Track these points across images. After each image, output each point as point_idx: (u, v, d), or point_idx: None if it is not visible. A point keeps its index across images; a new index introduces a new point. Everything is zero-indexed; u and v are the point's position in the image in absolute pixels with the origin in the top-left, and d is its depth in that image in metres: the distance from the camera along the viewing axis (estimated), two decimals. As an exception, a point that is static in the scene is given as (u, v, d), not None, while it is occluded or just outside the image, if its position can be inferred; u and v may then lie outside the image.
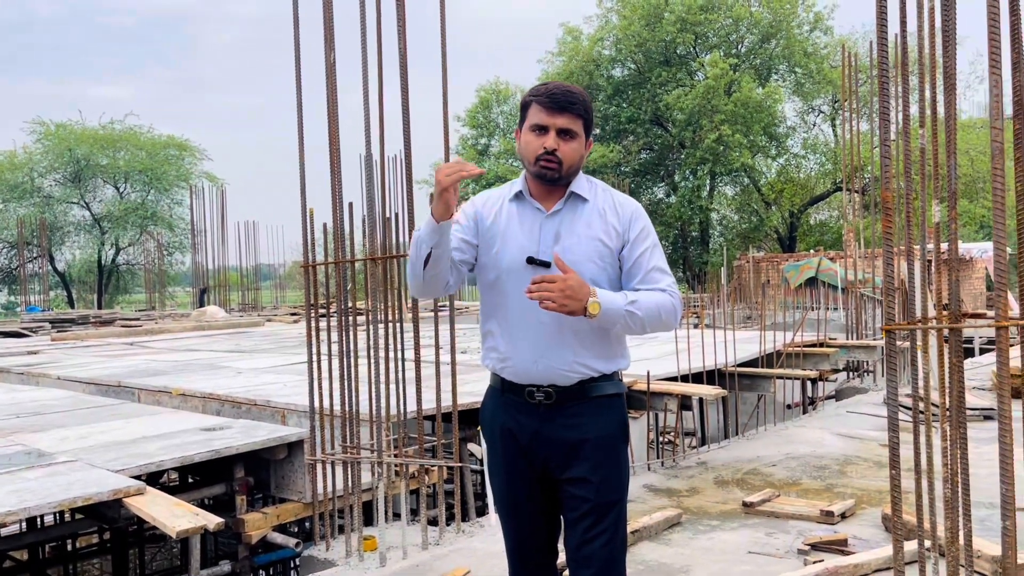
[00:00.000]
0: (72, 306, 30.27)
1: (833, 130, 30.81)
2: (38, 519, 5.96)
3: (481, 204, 2.44)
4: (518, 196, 2.39)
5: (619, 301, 2.21)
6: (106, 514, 3.77)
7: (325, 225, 4.85)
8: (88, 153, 29.92)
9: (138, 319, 18.07)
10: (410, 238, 4.44)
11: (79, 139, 29.85)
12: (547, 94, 2.27)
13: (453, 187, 2.14)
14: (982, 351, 13.76)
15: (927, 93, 2.55)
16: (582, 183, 2.38)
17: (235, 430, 4.88)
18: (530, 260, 2.29)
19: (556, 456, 2.33)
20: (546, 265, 2.27)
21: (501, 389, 2.43)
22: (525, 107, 2.34)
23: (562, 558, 2.78)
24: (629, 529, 4.17)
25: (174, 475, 6.87)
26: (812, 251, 25.20)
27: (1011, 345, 2.30)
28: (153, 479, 5.40)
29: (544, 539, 2.47)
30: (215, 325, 15.43)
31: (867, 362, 10.62)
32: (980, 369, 9.84)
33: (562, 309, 2.13)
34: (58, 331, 15.26)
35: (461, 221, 2.40)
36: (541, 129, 2.28)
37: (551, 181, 2.32)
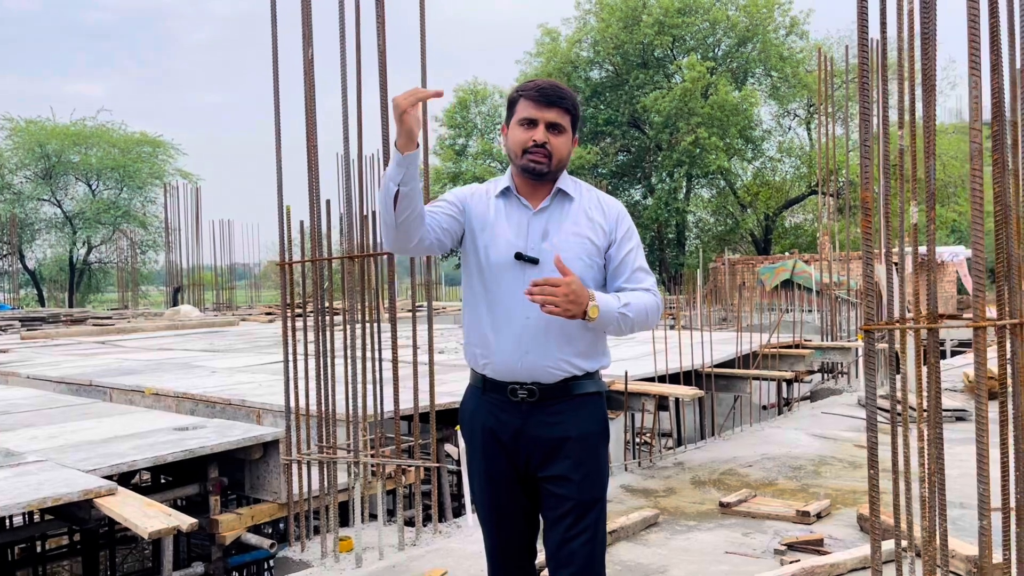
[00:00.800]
0: (43, 304, 29.84)
1: (808, 134, 31.08)
2: (7, 519, 5.86)
3: (468, 194, 2.41)
4: (504, 192, 2.37)
5: (614, 304, 2.20)
6: (77, 515, 3.71)
7: (302, 223, 4.81)
8: (59, 150, 29.51)
9: (110, 318, 17.84)
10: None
11: (50, 135, 29.44)
12: (536, 88, 2.27)
13: (413, 111, 2.03)
14: (953, 353, 13.94)
15: (906, 95, 2.56)
16: (567, 181, 2.37)
17: (209, 430, 4.82)
18: (518, 256, 2.28)
19: (538, 454, 2.32)
20: (534, 262, 2.27)
21: (483, 388, 2.40)
22: (513, 103, 2.33)
23: (541, 558, 2.76)
24: (607, 529, 4.17)
25: (146, 475, 6.78)
26: (787, 254, 25.41)
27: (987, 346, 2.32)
28: (125, 479, 5.33)
29: (524, 540, 2.46)
30: (189, 324, 15.27)
31: (841, 363, 10.72)
32: (951, 371, 9.96)
33: (564, 313, 2.10)
34: (28, 329, 15.02)
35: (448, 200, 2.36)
36: (530, 123, 2.27)
37: (538, 175, 2.30)
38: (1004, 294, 2.31)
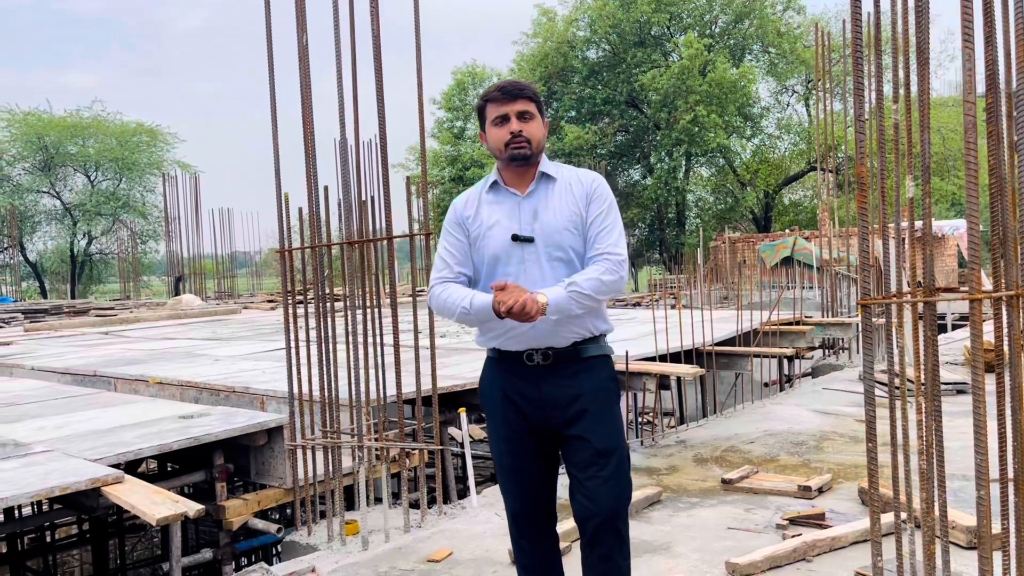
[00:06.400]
0: (45, 296, 29.87)
1: (807, 110, 30.96)
2: (15, 510, 5.91)
3: (462, 207, 2.68)
4: (493, 187, 2.64)
5: (559, 288, 2.45)
6: (84, 503, 3.74)
7: (301, 210, 4.82)
8: (57, 141, 29.44)
9: (112, 308, 17.88)
10: (386, 221, 4.42)
11: (48, 127, 29.36)
12: (499, 89, 2.56)
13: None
14: (954, 327, 13.95)
15: (900, 70, 2.56)
16: (549, 164, 2.64)
17: (214, 417, 4.85)
18: (515, 237, 2.54)
19: (556, 413, 2.54)
20: (529, 240, 2.54)
21: (498, 358, 2.63)
22: (481, 110, 2.61)
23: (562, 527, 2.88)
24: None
25: (153, 464, 6.82)
26: (787, 231, 25.38)
27: (984, 319, 2.33)
28: (131, 468, 5.37)
29: (544, 502, 2.65)
30: (191, 313, 15.30)
31: (842, 339, 10.73)
32: (952, 344, 9.98)
33: (529, 302, 2.35)
34: (31, 321, 15.07)
35: (453, 234, 2.66)
36: (503, 119, 2.54)
37: (524, 160, 2.56)
38: (1000, 266, 2.32)
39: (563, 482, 2.69)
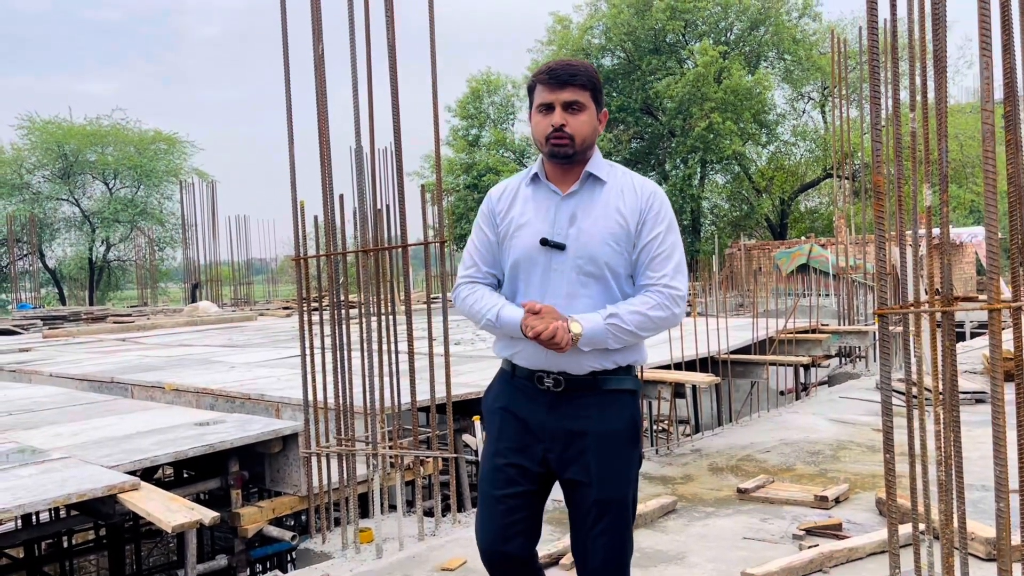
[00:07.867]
0: (64, 303, 30.14)
1: (823, 117, 30.82)
2: (33, 516, 5.95)
3: (496, 199, 2.40)
4: (534, 179, 2.35)
5: (596, 318, 2.18)
6: (101, 510, 3.76)
7: (316, 218, 4.84)
8: (76, 149, 29.73)
9: (130, 315, 18.02)
10: (401, 229, 4.43)
11: (67, 135, 29.66)
12: (548, 71, 2.24)
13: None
14: (973, 335, 13.81)
15: (917, 77, 2.54)
16: (600, 164, 2.31)
17: (229, 424, 4.87)
18: (543, 242, 2.24)
19: (558, 447, 2.25)
20: (560, 247, 2.23)
21: (512, 373, 2.35)
22: (531, 90, 2.30)
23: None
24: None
25: (169, 470, 6.85)
26: (803, 238, 25.25)
27: (1003, 328, 2.31)
28: (148, 475, 5.39)
29: (517, 540, 2.29)
30: (207, 320, 15.39)
31: (859, 348, 10.66)
32: (971, 353, 9.89)
33: (555, 333, 2.12)
34: (50, 328, 15.19)
35: (484, 228, 2.41)
36: (547, 107, 2.23)
37: (566, 158, 2.25)
38: (1019, 274, 2.30)
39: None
